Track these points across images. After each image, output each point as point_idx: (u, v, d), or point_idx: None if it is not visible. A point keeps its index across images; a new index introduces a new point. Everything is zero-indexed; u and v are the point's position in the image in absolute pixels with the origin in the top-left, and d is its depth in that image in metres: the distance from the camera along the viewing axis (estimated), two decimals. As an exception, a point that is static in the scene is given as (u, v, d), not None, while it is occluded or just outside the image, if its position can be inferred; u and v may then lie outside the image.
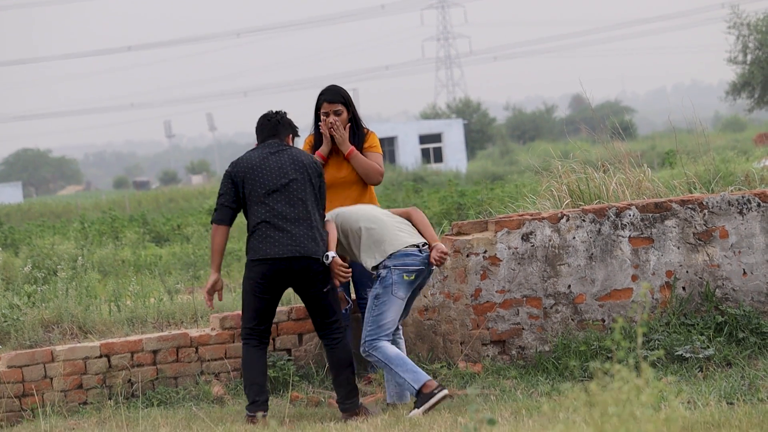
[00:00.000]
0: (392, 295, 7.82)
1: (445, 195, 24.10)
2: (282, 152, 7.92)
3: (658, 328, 8.87)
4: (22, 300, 10.93)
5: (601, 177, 10.10)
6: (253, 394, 7.73)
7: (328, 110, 8.63)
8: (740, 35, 50.27)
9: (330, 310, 7.87)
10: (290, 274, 7.72)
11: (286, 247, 7.69)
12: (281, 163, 7.86)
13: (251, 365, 7.81)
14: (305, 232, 7.75)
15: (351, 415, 7.74)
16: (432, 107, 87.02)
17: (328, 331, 7.87)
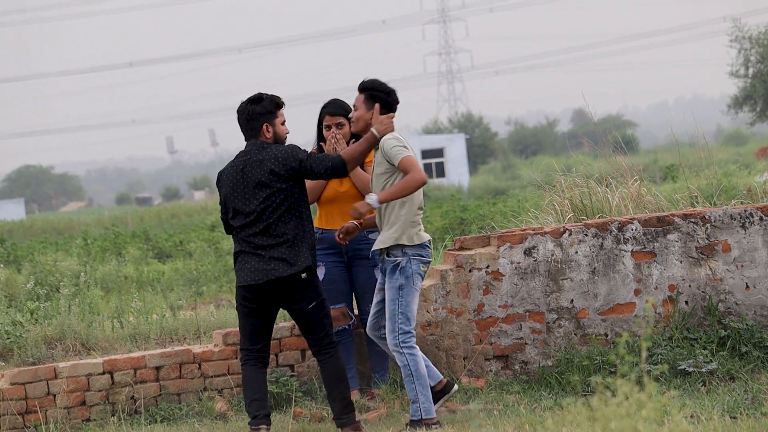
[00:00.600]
0: (413, 286, 7.79)
1: (448, 210, 24.09)
2: (253, 163, 7.70)
3: (661, 343, 8.86)
4: (25, 317, 10.94)
5: (603, 191, 10.10)
6: (253, 410, 7.70)
7: (330, 123, 8.64)
8: (742, 49, 50.29)
9: (318, 326, 7.75)
10: (268, 294, 7.66)
11: (258, 273, 7.61)
12: (253, 179, 7.67)
13: (250, 384, 7.77)
14: (281, 253, 7.61)
15: (353, 429, 7.72)
16: (434, 122, 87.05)
17: (319, 347, 7.79)
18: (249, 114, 7.84)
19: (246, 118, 7.85)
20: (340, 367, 7.80)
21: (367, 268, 8.58)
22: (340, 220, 8.54)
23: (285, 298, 7.66)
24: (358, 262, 8.60)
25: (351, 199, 8.58)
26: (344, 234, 8.06)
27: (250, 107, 7.84)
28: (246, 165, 7.72)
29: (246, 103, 7.88)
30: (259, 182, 7.65)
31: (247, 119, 7.84)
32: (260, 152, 7.73)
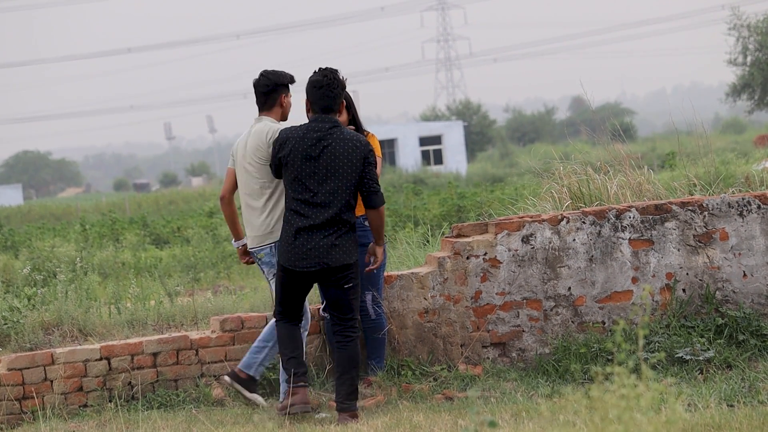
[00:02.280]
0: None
1: (445, 197, 24.09)
2: (337, 145, 7.95)
3: (658, 330, 8.87)
4: (22, 302, 10.93)
5: (601, 179, 10.09)
6: (292, 366, 7.89)
7: None
8: (740, 37, 50.26)
9: (348, 307, 7.95)
10: (316, 275, 7.90)
11: (314, 258, 7.86)
12: (335, 163, 7.95)
13: (286, 341, 7.97)
14: (341, 240, 7.89)
15: (347, 417, 7.77)
16: (432, 109, 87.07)
17: (343, 328, 7.96)
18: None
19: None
20: (356, 353, 7.97)
21: (362, 254, 8.58)
22: None
23: (330, 278, 7.88)
24: (355, 248, 8.58)
25: None
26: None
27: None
28: (323, 143, 7.89)
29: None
30: (340, 168, 7.84)
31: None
32: (335, 131, 7.94)
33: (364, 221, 8.57)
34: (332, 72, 8.04)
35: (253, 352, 8.35)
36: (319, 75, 8.01)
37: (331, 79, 7.98)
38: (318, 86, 7.98)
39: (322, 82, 7.97)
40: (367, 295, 8.58)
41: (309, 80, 8.04)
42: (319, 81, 7.98)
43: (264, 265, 8.35)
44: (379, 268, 8.58)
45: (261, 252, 8.30)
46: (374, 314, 8.62)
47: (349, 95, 8.71)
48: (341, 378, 7.89)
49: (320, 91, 7.97)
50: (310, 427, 7.53)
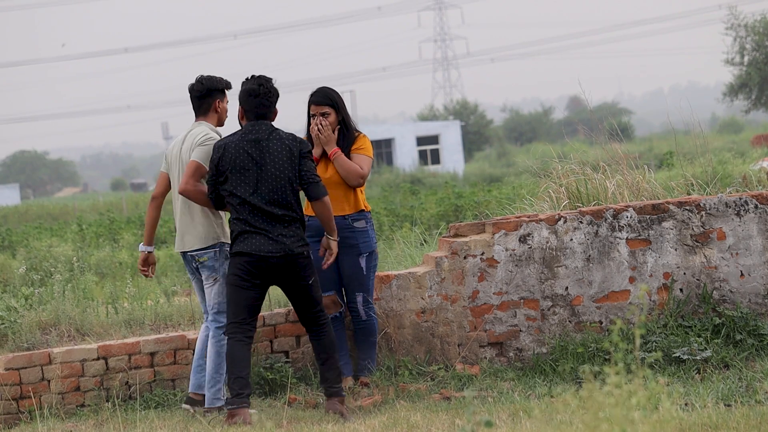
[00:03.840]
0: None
1: (443, 197, 24.11)
2: (271, 143, 7.96)
3: (655, 330, 8.87)
4: (20, 302, 10.92)
5: (599, 178, 10.09)
6: (237, 387, 7.81)
7: (315, 112, 8.63)
8: (737, 36, 50.29)
9: (315, 301, 8.01)
10: (276, 269, 7.86)
11: (274, 246, 7.84)
12: (274, 161, 7.97)
13: (236, 361, 7.88)
14: (293, 231, 7.92)
15: (337, 402, 7.89)
16: (429, 109, 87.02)
17: (316, 321, 8.02)
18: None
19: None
20: (333, 337, 8.09)
21: (352, 256, 8.57)
22: None
23: (291, 273, 7.86)
24: (344, 250, 8.57)
25: (334, 185, 8.53)
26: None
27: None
28: (262, 144, 7.90)
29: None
30: (280, 164, 7.86)
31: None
32: (273, 133, 7.95)
33: (353, 222, 8.56)
34: (267, 81, 8.05)
35: (197, 372, 8.35)
36: (254, 84, 8.00)
37: (267, 88, 8.00)
38: (254, 95, 7.98)
39: (258, 90, 7.98)
40: (358, 297, 8.58)
41: (243, 89, 8.03)
42: (255, 90, 7.98)
43: (205, 269, 8.27)
44: (369, 270, 8.58)
45: (204, 255, 8.24)
46: (365, 316, 8.61)
47: (339, 96, 8.70)
48: (327, 363, 7.99)
49: (256, 99, 7.98)
50: (308, 427, 7.53)
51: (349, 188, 8.58)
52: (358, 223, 8.56)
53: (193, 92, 8.41)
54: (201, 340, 8.42)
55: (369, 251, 8.58)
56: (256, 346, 8.74)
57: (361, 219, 8.59)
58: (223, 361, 8.16)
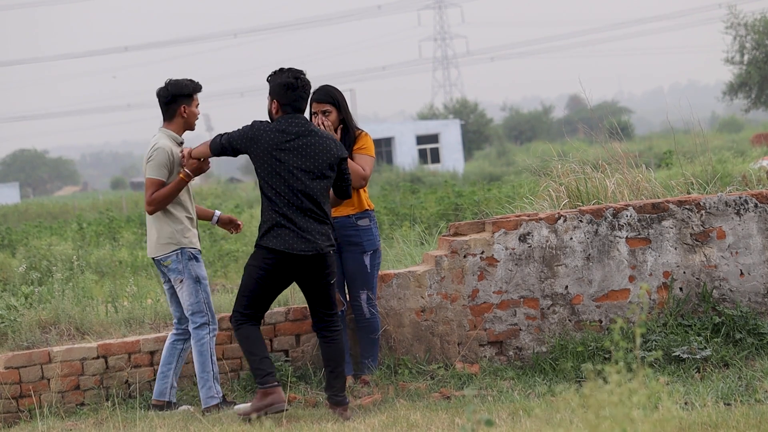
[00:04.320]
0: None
1: (442, 196, 24.09)
2: (316, 144, 7.97)
3: (655, 329, 8.87)
4: (20, 301, 10.93)
5: (599, 177, 10.09)
6: (266, 366, 7.80)
7: (317, 110, 8.63)
8: (737, 35, 50.28)
9: (334, 302, 8.00)
10: (305, 266, 7.84)
11: (306, 244, 7.81)
12: (317, 161, 7.97)
13: (257, 342, 7.88)
14: (325, 230, 7.92)
15: (343, 411, 7.84)
16: (429, 107, 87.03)
17: (330, 323, 7.99)
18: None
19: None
20: (343, 347, 8.06)
21: (355, 254, 8.58)
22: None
23: (317, 271, 7.86)
24: (347, 248, 8.59)
25: None
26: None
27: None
28: (303, 139, 7.88)
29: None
30: (320, 166, 7.86)
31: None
32: (312, 129, 7.96)
33: (357, 220, 8.57)
34: (302, 73, 8.05)
35: (161, 379, 8.37)
36: (290, 77, 7.95)
37: (303, 81, 7.99)
38: (292, 88, 7.94)
39: (296, 83, 7.94)
40: (361, 295, 8.58)
41: (278, 82, 7.96)
42: (293, 83, 7.93)
43: (170, 272, 8.29)
44: (373, 268, 8.59)
45: (167, 259, 8.26)
46: (368, 314, 8.61)
47: (341, 94, 8.70)
48: (335, 372, 7.94)
49: (294, 92, 7.94)
50: (308, 426, 7.53)
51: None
52: (362, 221, 8.58)
53: (159, 98, 8.44)
54: (166, 347, 8.45)
55: (373, 249, 8.59)
56: (255, 345, 8.73)
57: (365, 217, 8.61)
58: (208, 359, 8.19)
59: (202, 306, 8.25)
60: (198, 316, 8.22)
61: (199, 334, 8.22)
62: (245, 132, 7.91)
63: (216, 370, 8.23)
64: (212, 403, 8.16)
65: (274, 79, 8.02)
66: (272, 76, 8.05)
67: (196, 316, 8.23)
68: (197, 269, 8.30)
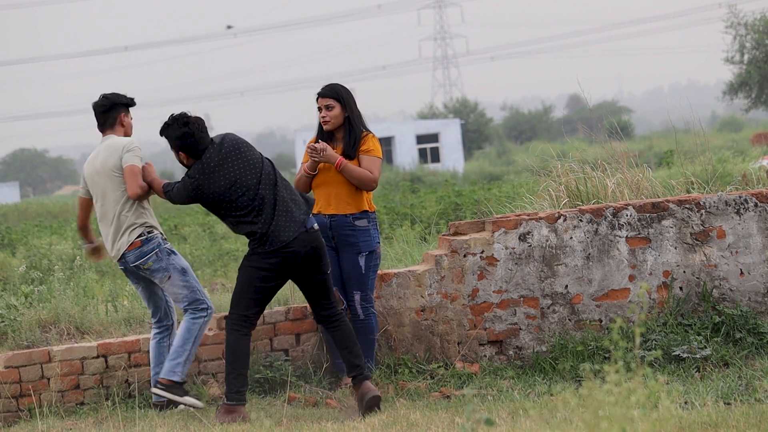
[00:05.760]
0: None
1: (442, 195, 24.07)
2: (248, 149, 8.10)
3: (655, 329, 8.87)
4: (20, 300, 10.93)
5: (599, 177, 10.10)
6: (238, 384, 7.85)
7: (321, 105, 8.64)
8: (737, 35, 50.26)
9: (331, 291, 8.10)
10: (304, 259, 7.92)
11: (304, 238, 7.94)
12: (258, 160, 8.13)
13: (240, 356, 7.92)
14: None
15: (370, 384, 7.94)
16: (429, 107, 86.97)
17: (332, 311, 8.07)
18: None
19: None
20: (351, 327, 8.15)
21: (352, 254, 8.57)
22: (325, 205, 8.57)
23: (315, 263, 7.95)
24: (344, 248, 8.58)
25: (338, 184, 8.53)
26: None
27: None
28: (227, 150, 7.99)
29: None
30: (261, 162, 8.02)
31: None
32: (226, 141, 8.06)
33: (354, 220, 8.56)
34: (188, 117, 8.07)
35: (173, 358, 8.27)
36: (182, 126, 7.99)
37: (196, 125, 8.00)
38: (190, 135, 7.97)
39: (191, 130, 7.97)
40: (355, 295, 8.58)
41: (174, 136, 7.98)
42: (187, 132, 7.95)
43: (155, 273, 8.28)
44: (369, 270, 8.58)
45: (148, 261, 8.25)
46: (363, 315, 8.60)
47: (348, 92, 8.68)
48: (353, 350, 8.02)
49: (194, 139, 7.97)
50: (308, 426, 7.53)
51: (353, 188, 8.56)
52: (359, 222, 8.56)
53: (98, 108, 8.48)
54: (153, 347, 8.45)
55: (369, 251, 8.56)
56: (255, 345, 8.75)
57: (363, 218, 8.59)
58: (191, 339, 8.22)
59: (197, 294, 8.28)
60: (195, 304, 8.25)
61: (196, 315, 8.25)
62: (187, 189, 8.02)
63: (193, 354, 8.23)
64: (172, 377, 8.13)
65: (167, 134, 8.05)
66: (164, 131, 8.07)
67: (194, 304, 8.26)
68: (180, 261, 8.32)
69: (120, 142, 8.35)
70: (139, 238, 8.26)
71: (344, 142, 8.60)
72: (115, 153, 8.30)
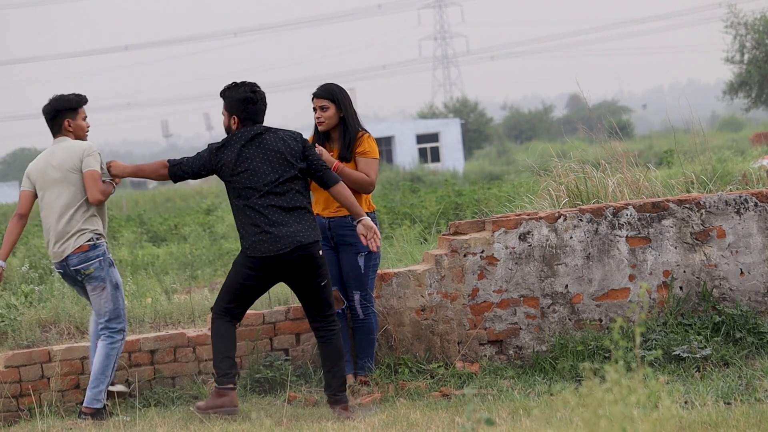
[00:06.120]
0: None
1: (442, 195, 24.10)
2: (272, 139, 8.05)
3: (655, 328, 8.87)
4: (20, 300, 10.93)
5: (599, 177, 10.10)
6: (226, 366, 7.87)
7: (315, 105, 8.64)
8: (737, 35, 50.23)
9: (327, 304, 8.00)
10: (289, 265, 7.86)
11: (285, 240, 7.83)
12: (277, 152, 8.02)
13: (224, 339, 7.93)
14: (304, 221, 7.96)
15: (342, 409, 7.86)
16: (429, 107, 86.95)
17: (325, 324, 8.00)
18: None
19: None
20: (341, 345, 8.04)
21: (350, 254, 8.57)
22: (324, 206, 8.56)
23: (305, 272, 7.88)
24: (343, 248, 8.58)
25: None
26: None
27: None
28: (262, 138, 7.96)
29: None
30: (283, 156, 7.91)
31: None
32: (269, 130, 8.02)
33: (353, 221, 8.55)
34: (257, 86, 8.09)
35: (95, 386, 8.16)
36: (248, 91, 8.00)
37: (262, 94, 8.06)
38: (252, 102, 7.99)
39: (255, 97, 8.00)
40: (355, 295, 8.57)
41: (236, 98, 8.00)
42: (252, 97, 7.99)
43: (92, 280, 8.20)
44: (368, 269, 8.57)
45: (90, 267, 8.18)
46: (362, 314, 8.60)
47: (344, 93, 8.67)
48: (332, 371, 7.97)
49: (255, 106, 8.00)
50: (308, 425, 7.53)
51: (351, 189, 8.55)
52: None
53: (44, 114, 8.39)
54: (102, 355, 8.28)
55: (367, 250, 8.55)
56: (255, 345, 8.75)
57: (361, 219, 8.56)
58: (111, 364, 8.14)
59: (121, 312, 8.24)
60: (116, 322, 8.20)
61: (115, 338, 8.19)
62: (206, 157, 8.02)
63: (112, 377, 8.20)
64: (96, 405, 8.09)
65: (230, 94, 8.04)
66: (228, 90, 8.07)
67: (114, 322, 8.20)
68: (116, 275, 8.28)
69: (80, 145, 8.23)
70: (88, 243, 8.19)
71: (340, 144, 8.60)
72: (74, 155, 8.17)
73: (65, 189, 8.21)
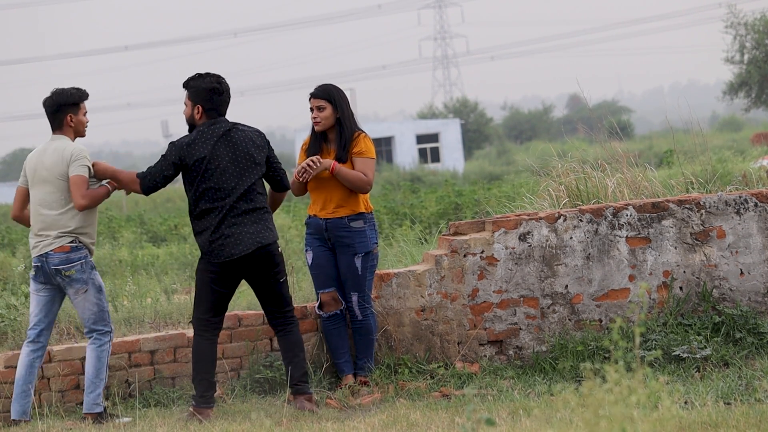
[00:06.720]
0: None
1: (442, 195, 24.08)
2: (241, 139, 8.10)
3: (655, 328, 8.87)
4: (20, 300, 10.92)
5: (599, 177, 10.10)
6: (202, 389, 7.97)
7: (312, 105, 8.64)
8: (737, 35, 50.23)
9: (286, 300, 8.17)
10: (250, 264, 7.99)
11: (247, 241, 7.96)
12: (245, 153, 8.10)
13: (204, 360, 8.02)
14: (265, 221, 8.09)
15: (304, 400, 8.01)
16: (429, 107, 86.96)
17: (284, 320, 8.18)
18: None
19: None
20: (300, 337, 8.23)
21: (348, 255, 8.56)
22: (321, 207, 8.56)
23: (265, 270, 8.01)
24: (341, 249, 8.58)
25: (335, 187, 8.52)
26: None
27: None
28: (231, 136, 8.01)
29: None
30: (251, 157, 8.01)
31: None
32: (235, 126, 8.08)
33: (350, 222, 8.55)
34: (223, 77, 8.13)
35: (22, 399, 8.12)
36: (214, 81, 8.04)
37: (227, 85, 8.11)
38: (218, 92, 8.03)
39: (221, 88, 8.05)
40: (353, 296, 8.57)
41: (202, 87, 8.01)
42: (218, 87, 8.03)
43: (73, 282, 8.12)
44: (366, 270, 8.57)
45: (71, 269, 8.12)
46: (361, 315, 8.59)
47: (341, 93, 8.66)
48: (292, 362, 8.11)
49: (221, 97, 8.04)
50: (307, 425, 7.53)
51: (348, 190, 8.55)
52: (355, 223, 8.54)
53: (45, 107, 8.34)
54: (23, 363, 8.18)
55: (365, 252, 8.54)
56: (255, 344, 8.75)
57: (359, 219, 8.56)
58: (104, 366, 8.13)
59: (106, 315, 8.20)
60: (101, 324, 8.16)
61: (103, 340, 8.15)
62: (173, 153, 8.03)
63: (106, 379, 8.20)
64: (95, 410, 8.07)
65: (196, 84, 8.06)
66: (193, 80, 8.09)
67: (99, 324, 8.16)
68: (98, 279, 8.25)
69: (68, 150, 8.16)
70: (70, 244, 8.15)
71: (336, 144, 8.60)
72: (62, 162, 8.11)
73: (54, 190, 8.17)
